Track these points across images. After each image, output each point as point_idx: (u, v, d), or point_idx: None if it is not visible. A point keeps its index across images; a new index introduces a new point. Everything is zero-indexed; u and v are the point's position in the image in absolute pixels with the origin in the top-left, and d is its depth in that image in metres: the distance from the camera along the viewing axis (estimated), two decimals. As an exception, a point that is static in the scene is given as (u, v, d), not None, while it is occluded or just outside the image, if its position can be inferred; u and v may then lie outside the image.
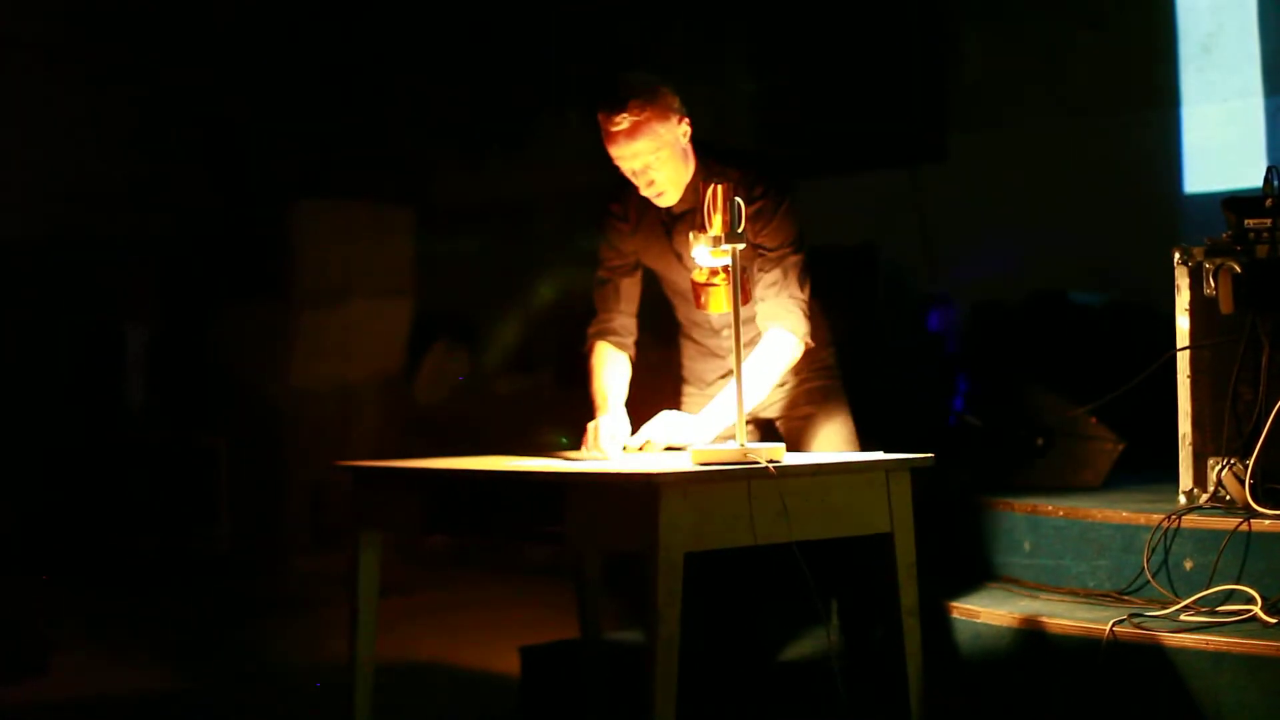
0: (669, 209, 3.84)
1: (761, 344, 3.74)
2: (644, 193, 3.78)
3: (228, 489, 8.70)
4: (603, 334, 3.99)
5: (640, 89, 3.67)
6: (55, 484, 8.62)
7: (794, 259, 3.77)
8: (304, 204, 9.36)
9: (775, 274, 3.76)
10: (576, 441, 3.78)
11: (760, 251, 3.77)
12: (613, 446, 3.64)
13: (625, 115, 3.64)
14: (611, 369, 3.93)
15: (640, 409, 3.85)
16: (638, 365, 4.03)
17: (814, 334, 3.94)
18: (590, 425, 3.73)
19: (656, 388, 4.11)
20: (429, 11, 10.35)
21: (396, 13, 10.43)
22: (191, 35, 10.24)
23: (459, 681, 5.41)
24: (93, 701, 5.18)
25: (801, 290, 3.77)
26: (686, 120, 3.75)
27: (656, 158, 3.70)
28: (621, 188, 3.89)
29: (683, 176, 3.78)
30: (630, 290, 4.02)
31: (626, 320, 4.01)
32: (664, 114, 3.68)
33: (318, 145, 10.37)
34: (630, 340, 4.01)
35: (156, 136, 10.32)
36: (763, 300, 3.77)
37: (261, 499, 8.75)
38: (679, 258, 3.87)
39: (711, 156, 3.81)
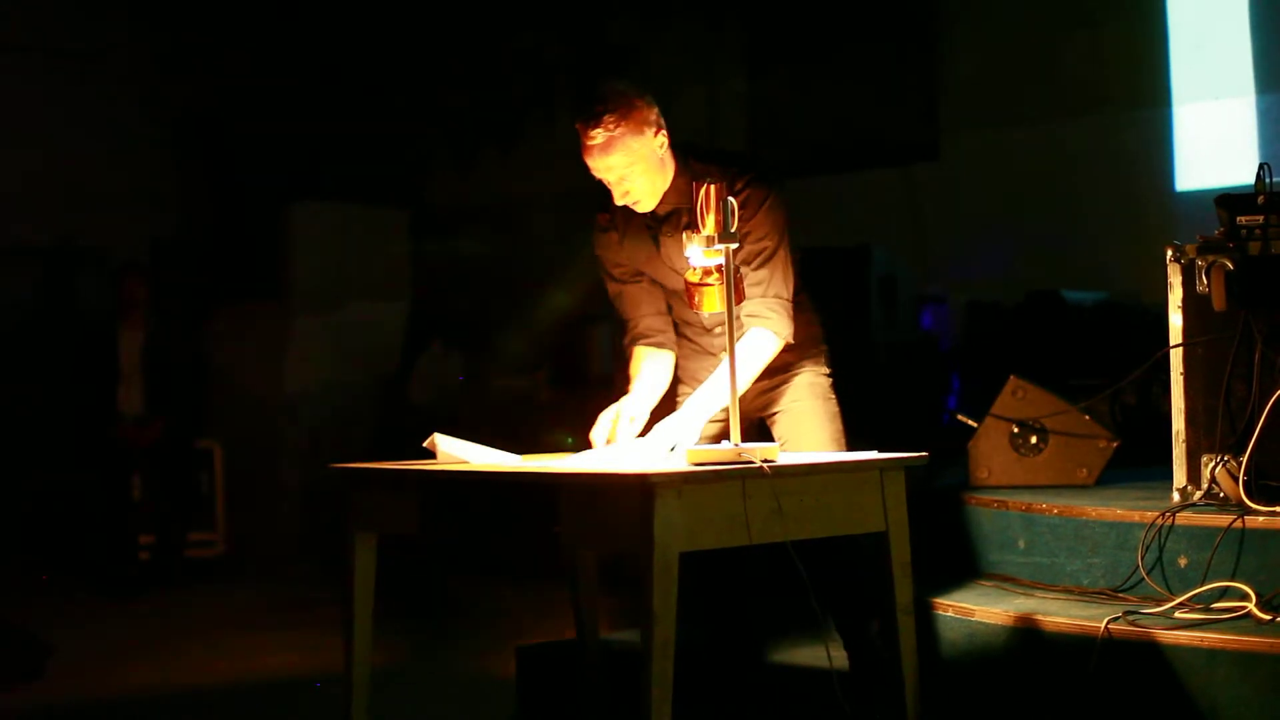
0: (654, 212, 3.83)
1: (741, 341, 3.70)
2: (619, 201, 3.76)
3: (223, 491, 8.70)
4: (635, 340, 3.99)
5: (615, 102, 3.62)
6: (51, 487, 8.62)
7: (779, 256, 3.75)
8: (299, 206, 9.37)
9: (762, 273, 3.74)
10: (581, 443, 3.80)
11: (747, 240, 3.75)
12: (623, 426, 3.69)
13: (599, 130, 3.60)
14: (647, 365, 3.94)
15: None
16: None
17: (806, 332, 3.93)
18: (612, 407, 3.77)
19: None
20: (422, 13, 10.36)
21: (390, 15, 10.43)
22: (186, 38, 10.24)
23: (455, 683, 5.41)
24: (89, 705, 5.18)
25: (785, 289, 3.75)
26: (664, 131, 3.71)
27: (631, 170, 3.67)
28: (608, 195, 3.88)
29: (660, 185, 3.76)
30: (643, 293, 3.99)
31: (652, 320, 3.99)
32: (638, 128, 3.64)
33: (312, 148, 10.38)
34: (665, 336, 3.99)
35: (152, 140, 10.32)
36: (748, 299, 3.76)
37: (257, 501, 8.76)
38: (666, 260, 3.87)
39: (692, 156, 3.78)
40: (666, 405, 4.03)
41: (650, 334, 3.98)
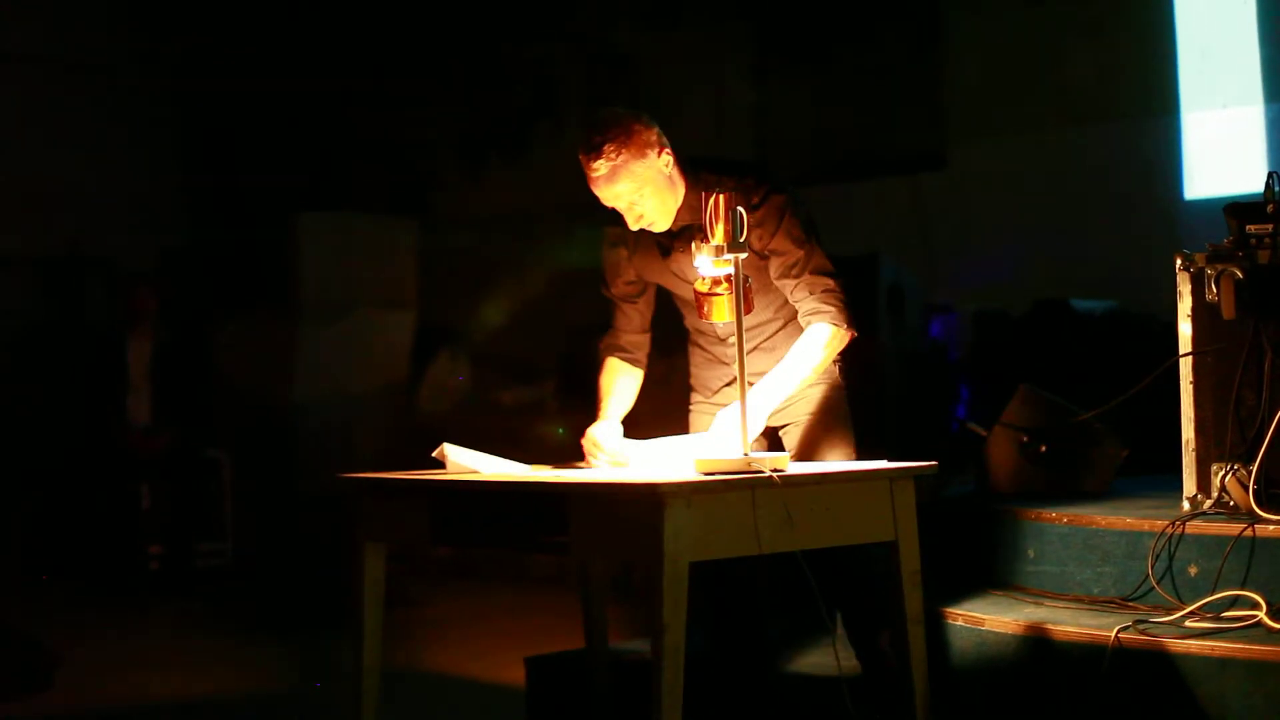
0: (668, 230, 3.82)
1: (803, 336, 3.73)
2: (633, 226, 3.77)
3: (232, 501, 8.70)
4: (610, 349, 4.08)
5: (613, 130, 3.62)
6: (60, 496, 8.63)
7: (816, 257, 3.76)
8: (307, 216, 9.37)
9: (805, 279, 3.75)
10: (574, 437, 3.85)
11: (776, 254, 3.75)
12: (602, 451, 3.77)
13: (601, 161, 3.61)
14: (618, 381, 4.02)
15: (648, 419, 3.87)
16: (644, 377, 4.07)
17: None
18: (587, 433, 3.84)
19: (662, 398, 4.13)
20: (429, 23, 10.37)
21: (396, 25, 10.45)
22: (193, 48, 10.25)
23: (465, 692, 5.41)
24: (97, 715, 5.18)
25: (833, 281, 3.76)
26: (667, 150, 3.71)
27: (640, 194, 3.68)
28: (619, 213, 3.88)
29: (670, 204, 3.75)
30: (635, 312, 4.08)
31: (633, 337, 4.08)
32: (641, 152, 3.64)
33: (320, 157, 10.39)
34: (639, 354, 4.09)
35: (159, 149, 10.34)
36: (800, 300, 3.76)
37: (266, 511, 8.76)
38: (679, 273, 3.87)
39: (704, 169, 3.77)
40: (676, 417, 4.06)
41: (628, 349, 4.08)
